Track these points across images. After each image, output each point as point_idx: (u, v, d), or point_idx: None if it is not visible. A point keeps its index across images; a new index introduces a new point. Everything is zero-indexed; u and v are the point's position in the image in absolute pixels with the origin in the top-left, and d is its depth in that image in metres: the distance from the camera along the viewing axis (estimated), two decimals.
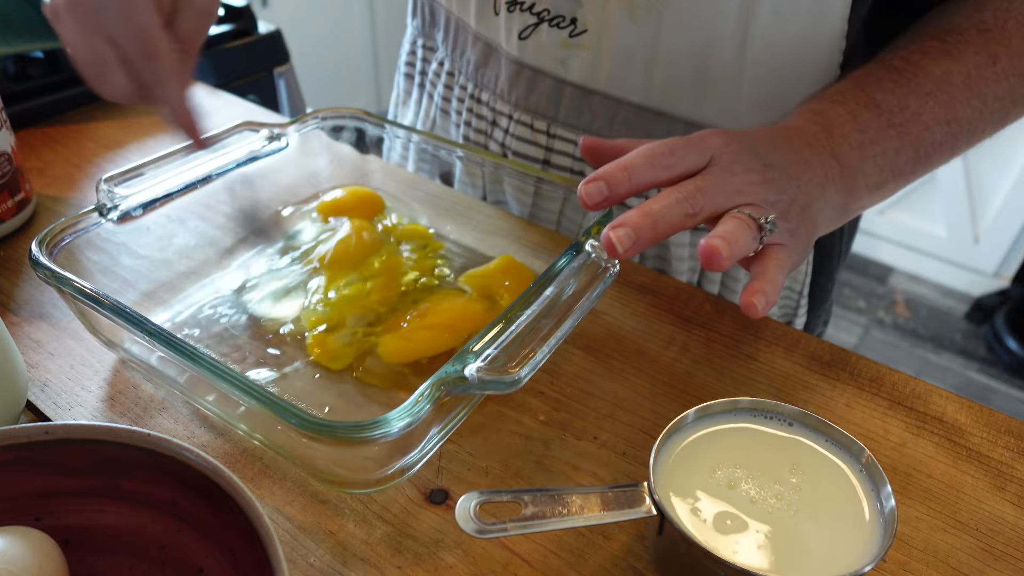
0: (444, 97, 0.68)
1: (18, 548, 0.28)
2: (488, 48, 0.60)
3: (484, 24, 0.59)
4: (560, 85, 0.57)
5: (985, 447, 0.44)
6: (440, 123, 0.69)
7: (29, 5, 0.71)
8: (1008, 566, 0.37)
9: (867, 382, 0.48)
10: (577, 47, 0.54)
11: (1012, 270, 2.06)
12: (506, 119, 0.62)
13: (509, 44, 0.57)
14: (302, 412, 0.33)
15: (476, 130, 0.65)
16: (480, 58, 0.61)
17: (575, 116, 0.58)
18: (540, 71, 0.57)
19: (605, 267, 0.44)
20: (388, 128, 0.60)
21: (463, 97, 0.65)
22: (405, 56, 0.74)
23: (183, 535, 0.32)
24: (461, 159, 0.59)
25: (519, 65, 0.58)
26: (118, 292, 0.49)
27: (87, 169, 0.67)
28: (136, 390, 0.45)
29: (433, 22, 0.67)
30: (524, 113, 0.60)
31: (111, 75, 0.42)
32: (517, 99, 0.60)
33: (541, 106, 0.59)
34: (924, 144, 0.46)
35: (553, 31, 0.55)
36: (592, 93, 0.56)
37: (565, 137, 0.59)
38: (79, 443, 0.31)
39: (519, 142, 0.61)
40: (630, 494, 0.34)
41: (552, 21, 0.54)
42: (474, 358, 0.37)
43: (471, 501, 0.32)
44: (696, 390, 0.47)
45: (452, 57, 0.65)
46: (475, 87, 0.63)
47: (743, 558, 0.31)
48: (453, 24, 0.63)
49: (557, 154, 0.60)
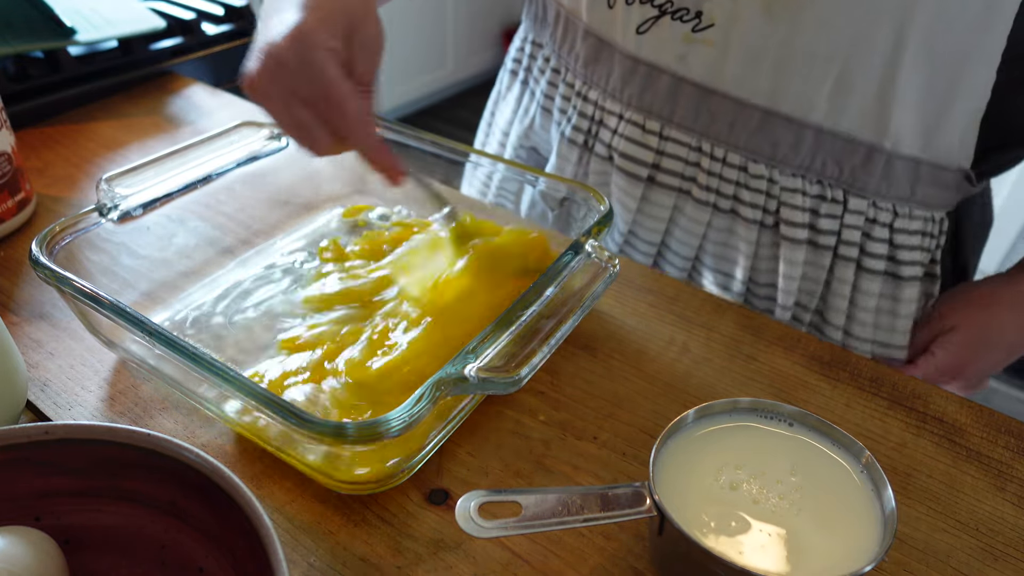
0: (547, 95, 0.66)
1: (18, 548, 0.28)
2: (600, 43, 0.58)
3: (596, 18, 0.57)
4: (678, 83, 0.54)
5: (985, 447, 0.44)
6: (540, 121, 0.68)
7: (29, 5, 0.71)
8: (1008, 566, 0.37)
9: (867, 382, 0.48)
10: (701, 42, 0.52)
11: None
12: (615, 119, 0.59)
13: (625, 39, 0.55)
14: (302, 412, 0.33)
15: (576, 128, 0.62)
16: (591, 54, 0.59)
17: (692, 118, 0.55)
18: (657, 67, 0.55)
19: (605, 267, 0.44)
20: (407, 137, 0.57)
21: (568, 95, 0.63)
22: (514, 52, 0.72)
23: (183, 535, 0.32)
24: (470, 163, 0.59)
25: (634, 61, 0.56)
26: (118, 292, 0.49)
27: (87, 169, 0.67)
28: (136, 390, 0.45)
29: (544, 18, 0.65)
30: (636, 112, 0.58)
31: (316, 134, 0.44)
32: (630, 97, 0.57)
33: (656, 105, 0.56)
34: None
35: (675, 24, 0.52)
36: (713, 93, 0.53)
37: (679, 140, 0.57)
38: (79, 443, 0.31)
39: (628, 143, 0.59)
40: (630, 494, 0.34)
41: (675, 14, 0.52)
42: (474, 358, 0.37)
43: (471, 501, 0.32)
44: (696, 390, 0.47)
45: (560, 53, 0.63)
46: (583, 84, 0.61)
47: (747, 559, 0.31)
48: (563, 19, 0.61)
49: (668, 157, 0.58)
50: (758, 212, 0.56)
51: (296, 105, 0.43)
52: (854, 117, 0.50)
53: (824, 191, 0.54)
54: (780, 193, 0.54)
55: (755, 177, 0.55)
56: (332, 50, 0.42)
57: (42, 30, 0.72)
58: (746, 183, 0.55)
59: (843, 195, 0.54)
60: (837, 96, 0.50)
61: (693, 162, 0.57)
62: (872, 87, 0.49)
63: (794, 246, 0.55)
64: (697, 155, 0.57)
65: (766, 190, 0.55)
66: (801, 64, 0.49)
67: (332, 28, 0.42)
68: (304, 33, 0.41)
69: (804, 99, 0.51)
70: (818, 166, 0.53)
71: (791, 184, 0.54)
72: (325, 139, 0.44)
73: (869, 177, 0.52)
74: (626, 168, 0.59)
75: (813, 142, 0.52)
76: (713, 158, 0.56)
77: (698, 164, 0.57)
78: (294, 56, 0.41)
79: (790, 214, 0.55)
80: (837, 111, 0.50)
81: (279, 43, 0.41)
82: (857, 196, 0.53)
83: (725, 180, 0.56)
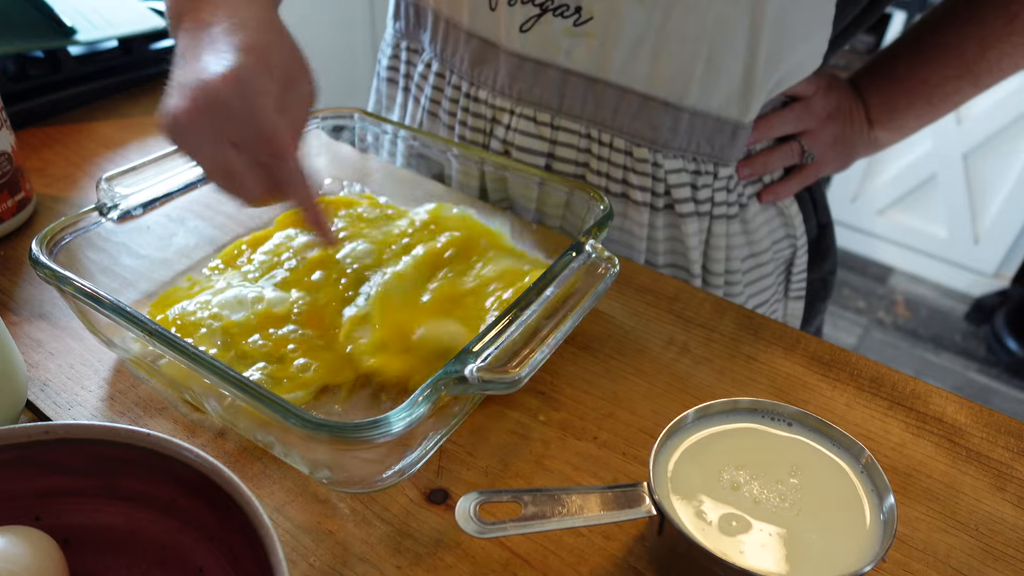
0: (432, 99, 0.67)
1: (18, 548, 0.28)
2: (484, 45, 0.60)
3: (479, 21, 0.59)
4: (564, 76, 0.57)
5: (985, 447, 0.44)
6: (428, 126, 0.69)
7: (29, 5, 0.71)
8: (1008, 566, 0.37)
9: (867, 382, 0.48)
10: (583, 36, 0.54)
11: (1012, 270, 2.06)
12: (507, 115, 0.61)
13: (509, 38, 0.57)
14: (302, 412, 0.33)
15: (473, 129, 0.64)
16: (476, 56, 0.61)
17: (579, 106, 0.58)
18: (543, 63, 0.57)
19: (605, 267, 0.44)
20: (381, 128, 0.60)
21: (456, 97, 0.64)
22: (386, 61, 0.73)
23: (183, 535, 0.32)
24: (457, 158, 0.59)
25: (520, 59, 0.58)
26: (118, 292, 0.49)
27: (87, 169, 0.67)
28: (136, 390, 0.45)
29: (419, 23, 0.66)
30: (527, 106, 0.60)
31: (244, 180, 0.41)
32: (519, 93, 0.59)
33: (544, 98, 0.59)
34: (936, 95, 0.61)
35: (557, 20, 0.54)
36: (597, 82, 0.56)
37: (569, 128, 0.59)
38: (79, 443, 0.31)
39: (522, 136, 0.61)
40: (630, 494, 0.34)
41: (556, 10, 0.54)
42: (474, 358, 0.37)
43: (471, 501, 0.32)
44: (696, 390, 0.47)
45: (442, 57, 0.64)
46: (471, 85, 0.63)
47: (747, 559, 0.31)
48: (442, 24, 0.62)
49: (562, 146, 0.60)
50: (647, 195, 0.59)
51: (227, 148, 0.40)
52: (722, 99, 0.54)
53: (699, 167, 0.58)
54: (666, 176, 0.58)
55: (640, 161, 0.58)
56: (273, 96, 0.40)
57: (42, 30, 0.72)
58: (633, 167, 0.59)
59: (714, 167, 0.59)
60: (708, 77, 0.53)
61: (584, 148, 0.60)
62: (738, 67, 0.53)
63: (688, 219, 0.60)
64: (587, 141, 0.60)
65: (651, 173, 0.58)
66: (675, 47, 0.52)
67: (270, 72, 0.40)
68: (245, 75, 0.39)
69: (678, 83, 0.54)
70: (694, 147, 0.57)
71: (674, 166, 0.58)
72: (257, 186, 0.42)
73: (734, 150, 0.58)
74: (524, 160, 0.62)
75: (688, 125, 0.56)
76: (601, 143, 0.59)
77: (588, 150, 0.60)
78: (233, 97, 0.39)
79: (678, 192, 0.59)
80: (708, 94, 0.54)
81: (215, 82, 0.39)
82: (724, 165, 0.59)
83: (614, 165, 0.59)
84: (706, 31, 0.51)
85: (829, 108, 0.63)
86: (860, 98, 0.64)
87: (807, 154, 0.62)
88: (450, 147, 0.58)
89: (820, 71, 0.61)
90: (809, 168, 0.64)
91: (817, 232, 0.69)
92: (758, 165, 0.61)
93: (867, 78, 0.65)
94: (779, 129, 0.61)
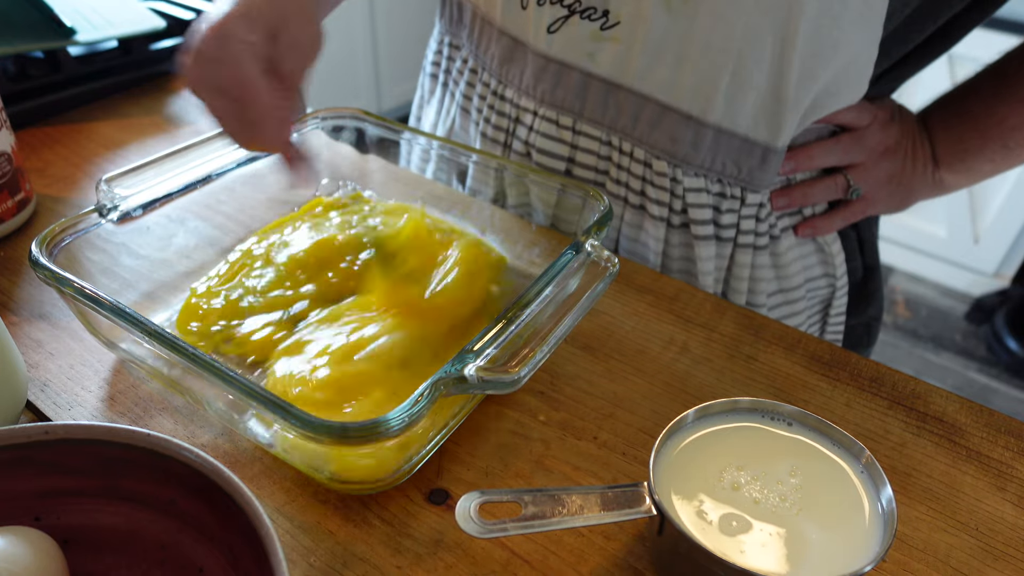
0: (465, 95, 0.67)
1: (18, 548, 0.28)
2: (513, 44, 0.59)
3: (510, 19, 0.58)
4: (587, 79, 0.56)
5: (985, 447, 0.44)
6: (460, 122, 0.69)
7: (29, 5, 0.71)
8: (1008, 566, 0.37)
9: (867, 382, 0.48)
10: (608, 40, 0.53)
11: (1012, 270, 2.06)
12: (530, 115, 0.61)
13: (536, 38, 0.57)
14: (302, 412, 0.33)
15: (496, 127, 0.64)
16: (505, 54, 0.61)
17: (600, 112, 0.57)
18: (567, 65, 0.56)
19: (605, 267, 0.44)
20: (405, 135, 0.59)
21: (485, 95, 0.64)
22: (431, 56, 0.73)
23: (183, 535, 0.32)
24: (477, 164, 0.59)
25: (546, 60, 0.57)
26: (118, 292, 0.49)
27: (87, 169, 0.67)
28: (136, 390, 0.45)
29: (460, 20, 0.66)
30: (549, 109, 0.59)
31: (227, 124, 0.45)
32: (542, 94, 0.59)
33: (567, 101, 0.58)
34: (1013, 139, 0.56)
35: (584, 23, 0.54)
36: (617, 88, 0.55)
37: (590, 134, 0.59)
38: (79, 443, 0.31)
39: (544, 139, 0.60)
40: (630, 494, 0.34)
41: (583, 13, 0.53)
42: (474, 358, 0.37)
43: (471, 501, 0.32)
44: (696, 390, 0.47)
45: (476, 54, 0.64)
46: (499, 84, 0.63)
47: (747, 559, 0.31)
48: (479, 21, 0.62)
49: (582, 152, 0.60)
50: (664, 210, 0.58)
51: (212, 91, 0.43)
52: (749, 117, 0.52)
53: (724, 189, 0.57)
54: (685, 193, 0.57)
55: (659, 175, 0.57)
56: (249, 43, 0.42)
57: (42, 30, 0.72)
58: (651, 180, 0.58)
59: (740, 192, 0.57)
60: (733, 92, 0.51)
61: (604, 156, 0.59)
62: (766, 84, 0.51)
63: (704, 243, 0.58)
64: (608, 149, 0.59)
65: (670, 188, 0.57)
66: (699, 56, 0.51)
67: (251, 22, 0.43)
68: (223, 25, 0.42)
69: (701, 95, 0.52)
70: (718, 166, 0.55)
71: (694, 184, 0.56)
72: (242, 132, 0.45)
73: (764, 175, 0.55)
74: (544, 163, 0.61)
75: (712, 142, 0.54)
76: (622, 152, 0.58)
77: (609, 158, 0.59)
78: (213, 47, 0.42)
79: (697, 213, 0.57)
80: (734, 111, 0.52)
81: (203, 34, 0.42)
82: (753, 191, 0.57)
83: (633, 175, 0.58)
84: (733, 43, 0.49)
85: (888, 142, 0.58)
86: (927, 135, 0.60)
87: (852, 189, 0.59)
88: (446, 147, 0.58)
89: (883, 103, 0.59)
90: (856, 204, 0.60)
91: (863, 274, 0.66)
92: (796, 196, 0.58)
93: (938, 113, 0.60)
94: (821, 160, 0.57)
